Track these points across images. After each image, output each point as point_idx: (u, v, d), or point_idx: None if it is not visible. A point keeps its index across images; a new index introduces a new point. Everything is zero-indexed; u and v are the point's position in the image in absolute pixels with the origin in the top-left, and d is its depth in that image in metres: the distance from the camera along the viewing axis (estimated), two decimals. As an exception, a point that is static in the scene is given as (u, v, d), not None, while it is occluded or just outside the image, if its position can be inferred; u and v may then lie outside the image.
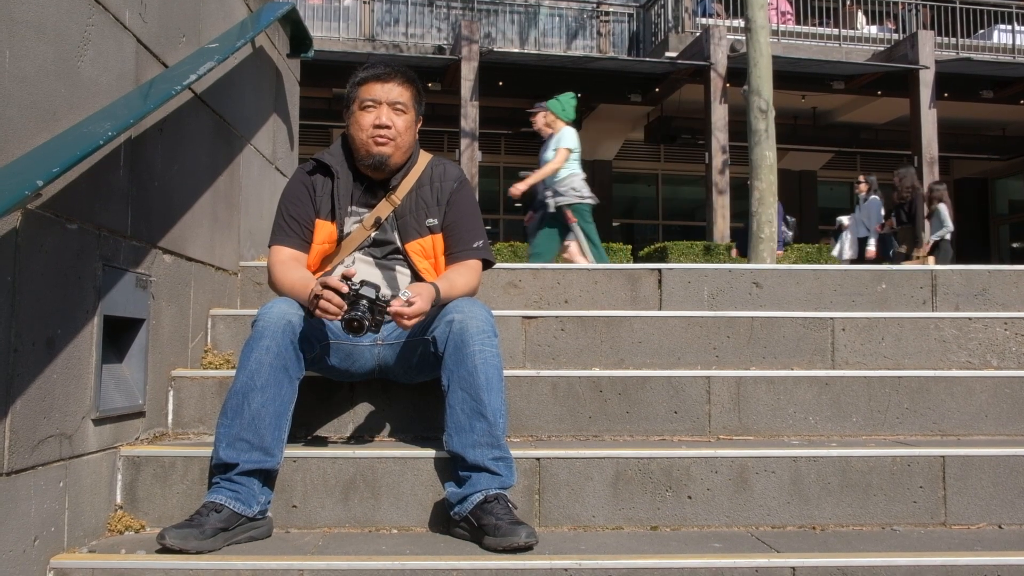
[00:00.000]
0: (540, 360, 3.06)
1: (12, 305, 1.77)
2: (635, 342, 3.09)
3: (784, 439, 2.74)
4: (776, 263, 7.38)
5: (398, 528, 2.32)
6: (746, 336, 3.12)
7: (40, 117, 1.90)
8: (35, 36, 1.88)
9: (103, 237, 2.19)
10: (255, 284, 3.40)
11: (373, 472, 2.34)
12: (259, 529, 2.20)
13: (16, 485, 1.81)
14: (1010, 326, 3.21)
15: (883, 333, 3.17)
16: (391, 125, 2.51)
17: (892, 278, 3.58)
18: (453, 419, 2.28)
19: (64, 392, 2.00)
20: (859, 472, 2.43)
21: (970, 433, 2.82)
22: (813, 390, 2.80)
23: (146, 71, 2.47)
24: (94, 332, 2.14)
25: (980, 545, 2.22)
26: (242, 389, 2.22)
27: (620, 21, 16.72)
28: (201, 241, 2.94)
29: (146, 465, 2.33)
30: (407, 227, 2.57)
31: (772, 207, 8.69)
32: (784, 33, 14.52)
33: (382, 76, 2.55)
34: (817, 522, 2.41)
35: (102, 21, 2.20)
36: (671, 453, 2.44)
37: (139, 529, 2.27)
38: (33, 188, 1.66)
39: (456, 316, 2.33)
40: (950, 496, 2.44)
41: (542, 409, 2.71)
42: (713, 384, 2.77)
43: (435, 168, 2.64)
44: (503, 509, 2.14)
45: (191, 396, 2.67)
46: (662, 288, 3.51)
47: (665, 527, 2.37)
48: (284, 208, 2.58)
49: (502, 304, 3.39)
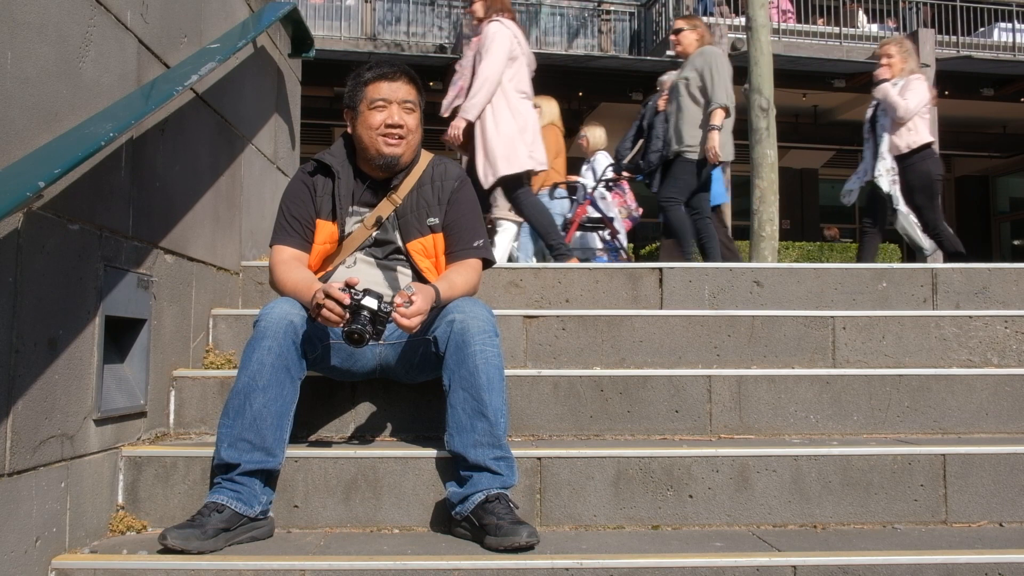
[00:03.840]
0: (541, 359, 3.06)
1: (14, 306, 1.78)
2: (636, 341, 3.10)
3: (785, 438, 2.74)
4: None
5: (400, 528, 2.33)
6: (747, 335, 3.12)
7: (42, 118, 1.90)
8: (37, 37, 1.88)
9: (104, 237, 2.20)
10: (257, 284, 3.40)
11: (375, 472, 2.35)
12: (261, 529, 2.20)
13: (18, 486, 1.81)
14: (1011, 324, 3.21)
15: (884, 331, 3.17)
16: (403, 124, 2.52)
17: (893, 276, 3.58)
18: (454, 419, 2.28)
19: (66, 392, 2.00)
20: (860, 471, 2.44)
21: (971, 431, 2.82)
22: (814, 389, 2.80)
23: (147, 71, 2.48)
24: (96, 332, 2.14)
25: (981, 543, 2.22)
26: (244, 389, 2.22)
27: (621, 20, 16.71)
28: (203, 241, 2.94)
29: (148, 465, 2.33)
30: (408, 226, 2.57)
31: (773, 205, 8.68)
32: (785, 31, 14.50)
33: (390, 75, 2.55)
34: (818, 521, 2.41)
35: (104, 22, 2.20)
36: (672, 452, 2.44)
37: (141, 529, 2.27)
38: (35, 189, 1.66)
39: (457, 316, 2.33)
40: (951, 494, 2.44)
41: (543, 408, 2.72)
42: (714, 383, 2.77)
43: (436, 167, 2.64)
44: (504, 509, 2.15)
45: (193, 396, 2.68)
46: (663, 287, 3.51)
47: (666, 526, 2.38)
48: (285, 208, 2.58)
49: (503, 303, 3.39)
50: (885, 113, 5.47)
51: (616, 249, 7.12)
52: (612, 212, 7.20)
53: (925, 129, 5.40)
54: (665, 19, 15.56)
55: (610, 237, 7.15)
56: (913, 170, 5.39)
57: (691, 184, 5.26)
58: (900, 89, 5.41)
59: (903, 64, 5.49)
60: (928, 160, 5.39)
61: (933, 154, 5.43)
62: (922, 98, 5.36)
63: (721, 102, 5.06)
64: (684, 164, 5.23)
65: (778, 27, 13.98)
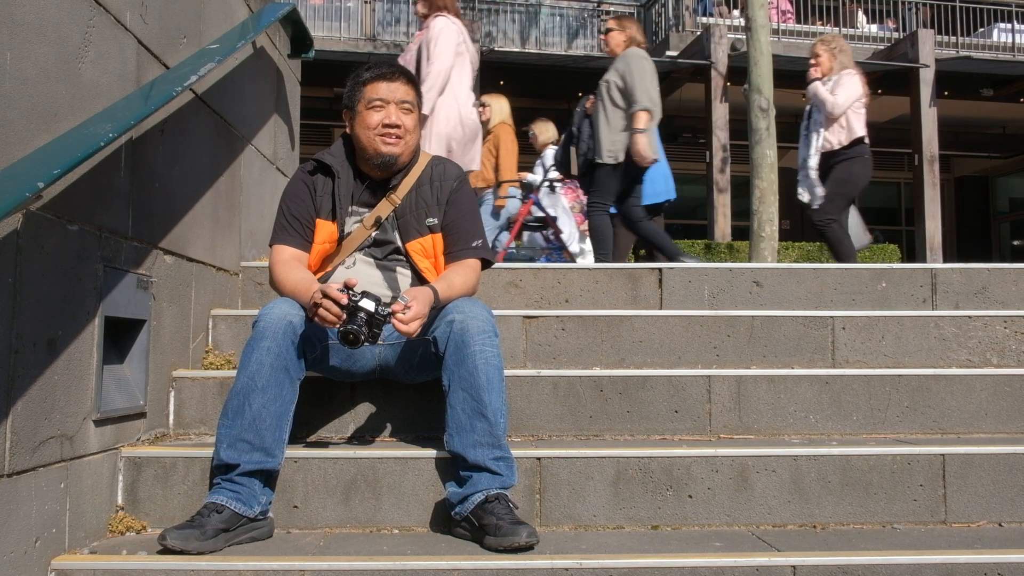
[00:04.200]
0: (541, 360, 3.06)
1: (13, 306, 1.78)
2: (636, 341, 3.10)
3: (785, 438, 2.74)
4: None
5: (399, 528, 2.33)
6: (746, 335, 3.13)
7: (41, 119, 1.90)
8: (36, 38, 1.88)
9: (104, 238, 2.20)
10: (256, 284, 3.40)
11: (374, 472, 2.35)
12: (260, 530, 2.20)
13: (17, 486, 1.81)
14: (1010, 324, 3.21)
15: (883, 332, 3.17)
16: (400, 124, 2.52)
17: (892, 276, 3.58)
18: (454, 419, 2.28)
19: (65, 393, 2.00)
20: (859, 471, 2.44)
21: (970, 431, 2.82)
22: (813, 389, 2.80)
23: (147, 72, 2.48)
24: (95, 333, 2.14)
25: (980, 543, 2.23)
26: (243, 390, 2.22)
27: (621, 20, 16.69)
28: (202, 242, 2.94)
29: (147, 466, 2.33)
30: (407, 226, 2.57)
31: (773, 205, 8.69)
32: (785, 32, 14.51)
33: (387, 75, 2.55)
34: (818, 521, 2.41)
35: (103, 23, 2.20)
36: (672, 452, 2.44)
37: (140, 530, 2.27)
38: (34, 190, 1.66)
39: (457, 316, 2.33)
40: (950, 494, 2.44)
41: (543, 409, 2.72)
42: (714, 383, 2.77)
43: (435, 167, 2.65)
44: (504, 509, 2.15)
45: (192, 397, 2.68)
46: (663, 287, 3.51)
47: (666, 526, 2.38)
48: (285, 207, 2.58)
49: (503, 304, 3.40)
50: (819, 111, 5.47)
51: (558, 248, 7.12)
52: (557, 211, 7.18)
53: (859, 125, 5.35)
54: (665, 19, 15.57)
55: (553, 237, 7.16)
56: (841, 166, 5.35)
57: (612, 188, 5.16)
58: (832, 86, 5.39)
59: (831, 62, 5.47)
60: (857, 161, 5.34)
61: (865, 152, 5.38)
62: (851, 93, 5.33)
63: (642, 104, 4.96)
64: (603, 168, 5.13)
65: (778, 27, 14.00)
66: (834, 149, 5.36)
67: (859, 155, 5.35)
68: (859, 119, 5.36)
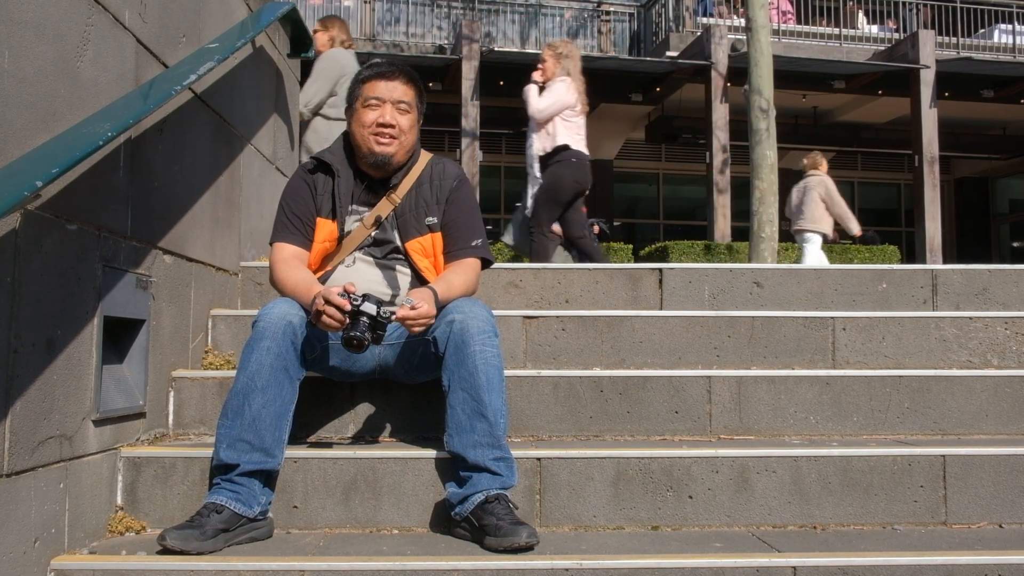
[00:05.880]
0: (541, 360, 3.06)
1: (12, 306, 1.77)
2: (636, 342, 3.09)
3: (785, 439, 2.74)
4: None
5: (399, 528, 2.32)
6: (747, 336, 3.12)
7: (39, 117, 1.90)
8: (35, 36, 1.88)
9: (103, 238, 2.19)
10: (256, 284, 3.40)
11: (374, 472, 2.34)
12: (260, 530, 2.20)
13: (16, 487, 1.80)
14: (1010, 325, 3.21)
15: (884, 332, 3.17)
16: (395, 124, 2.51)
17: (893, 277, 3.58)
18: (454, 419, 2.28)
19: (64, 393, 2.00)
20: (860, 471, 2.43)
21: (971, 432, 2.82)
22: (814, 390, 2.80)
23: (146, 71, 2.47)
24: (94, 333, 2.14)
25: (981, 544, 2.22)
26: (243, 390, 2.22)
27: (621, 20, 16.72)
28: (201, 241, 2.94)
29: (147, 466, 2.33)
30: (407, 226, 2.57)
31: (773, 206, 8.69)
32: (785, 32, 14.51)
33: (386, 74, 2.55)
34: (818, 522, 2.40)
35: (102, 21, 2.20)
36: (672, 453, 2.43)
37: (140, 530, 2.27)
38: (32, 189, 1.66)
39: (457, 316, 2.33)
40: (951, 495, 2.44)
41: (543, 409, 2.71)
42: (714, 384, 2.77)
43: (435, 167, 2.64)
44: (504, 509, 2.14)
45: (192, 397, 2.67)
46: (663, 288, 3.51)
47: (666, 527, 2.37)
48: (286, 205, 2.58)
49: (503, 304, 3.39)
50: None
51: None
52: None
53: (565, 133, 5.29)
54: (665, 20, 15.57)
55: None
56: (547, 173, 5.33)
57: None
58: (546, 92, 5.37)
59: (555, 67, 5.42)
60: (563, 165, 5.30)
61: (570, 159, 5.30)
62: (556, 100, 5.27)
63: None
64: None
65: (778, 28, 14.00)
66: (545, 154, 5.34)
67: (563, 161, 5.30)
68: (567, 129, 5.30)
